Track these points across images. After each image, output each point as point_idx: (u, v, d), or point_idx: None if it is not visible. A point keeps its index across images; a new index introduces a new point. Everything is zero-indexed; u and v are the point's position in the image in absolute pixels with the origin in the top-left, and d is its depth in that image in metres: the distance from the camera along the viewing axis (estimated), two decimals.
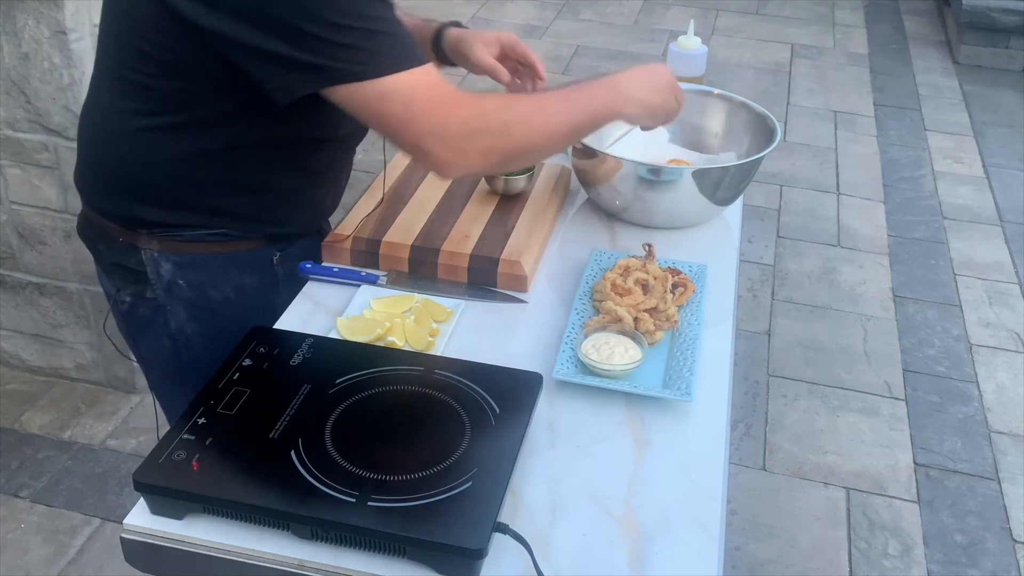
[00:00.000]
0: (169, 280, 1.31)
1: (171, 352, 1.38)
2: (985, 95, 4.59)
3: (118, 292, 1.36)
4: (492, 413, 1.08)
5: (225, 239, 1.30)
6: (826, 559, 2.23)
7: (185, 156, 1.22)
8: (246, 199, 1.29)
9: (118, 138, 1.25)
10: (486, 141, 1.15)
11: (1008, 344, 2.95)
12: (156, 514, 0.99)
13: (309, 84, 1.10)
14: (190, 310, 1.33)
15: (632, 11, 5.34)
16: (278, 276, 1.37)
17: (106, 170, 1.29)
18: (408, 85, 1.10)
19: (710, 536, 1.01)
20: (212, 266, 1.32)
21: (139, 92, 1.20)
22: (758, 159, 1.51)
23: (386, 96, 1.10)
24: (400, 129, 1.12)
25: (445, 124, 1.12)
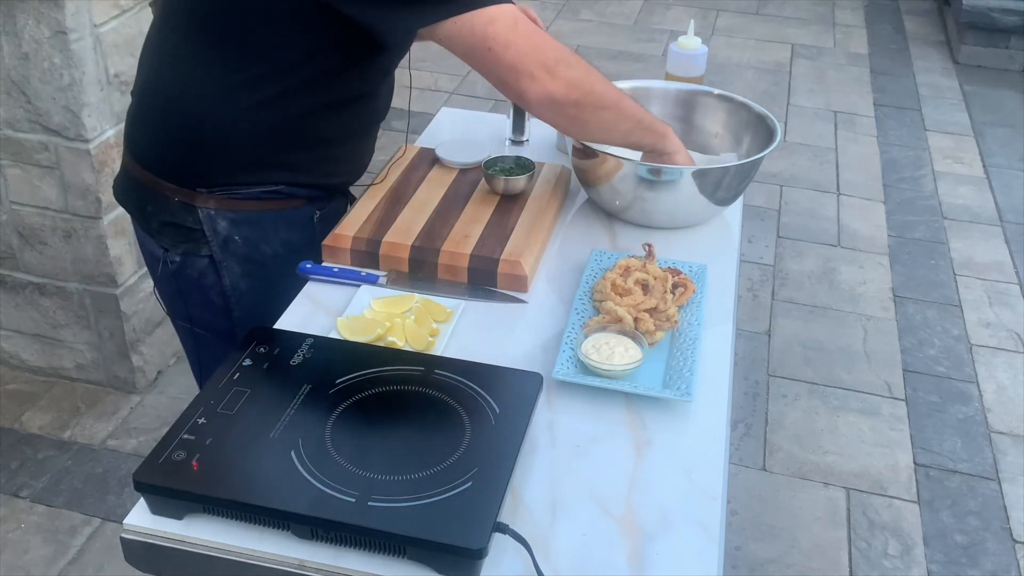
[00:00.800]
0: (225, 236, 1.39)
1: (221, 309, 1.45)
2: (985, 95, 4.59)
3: (166, 252, 1.42)
4: (492, 413, 1.08)
5: (277, 196, 1.39)
6: (826, 559, 2.23)
7: (265, 112, 1.30)
8: (307, 153, 1.38)
9: (197, 101, 1.31)
10: (575, 73, 1.29)
11: (1008, 344, 2.95)
12: (156, 514, 0.99)
13: (423, 19, 1.22)
14: (243, 265, 1.41)
15: (632, 11, 5.34)
16: (316, 234, 1.44)
17: (171, 129, 1.35)
18: (511, 13, 1.24)
19: (710, 536, 1.01)
20: (265, 222, 1.40)
21: (225, 53, 1.27)
22: (758, 159, 1.51)
23: (493, 21, 1.22)
24: (503, 49, 1.23)
25: (543, 48, 1.26)
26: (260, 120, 1.31)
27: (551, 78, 1.26)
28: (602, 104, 1.35)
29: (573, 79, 1.29)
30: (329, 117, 1.36)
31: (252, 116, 1.31)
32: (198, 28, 1.29)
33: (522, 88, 1.27)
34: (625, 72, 4.49)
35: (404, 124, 1.50)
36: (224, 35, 1.27)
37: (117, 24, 2.20)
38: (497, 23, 1.23)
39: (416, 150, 1.67)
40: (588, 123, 1.37)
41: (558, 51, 1.29)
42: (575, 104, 1.31)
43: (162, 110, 1.36)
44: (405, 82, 1.52)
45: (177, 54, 1.34)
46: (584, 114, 1.34)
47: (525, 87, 1.27)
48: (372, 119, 1.47)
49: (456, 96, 4.24)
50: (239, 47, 1.27)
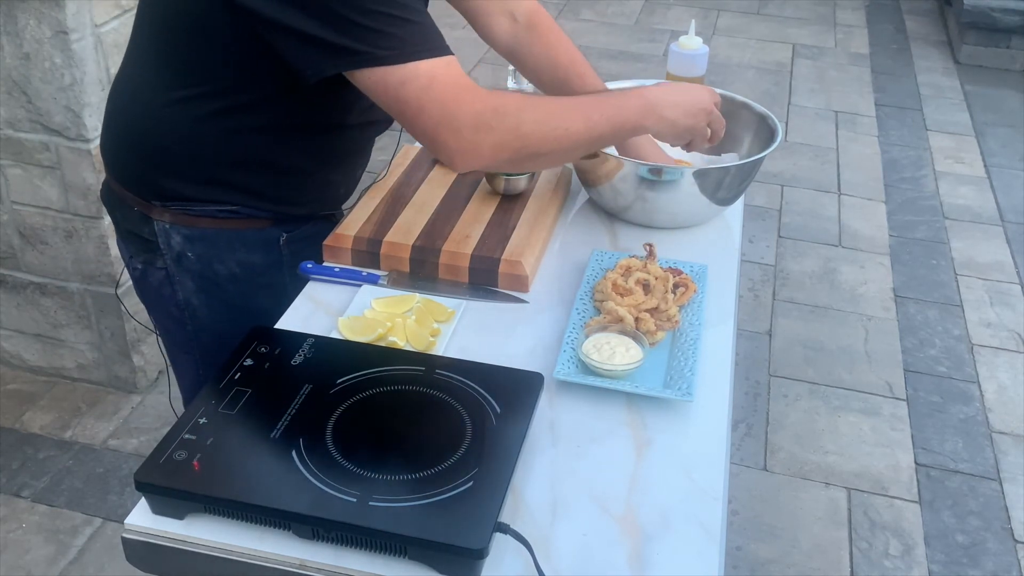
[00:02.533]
0: (179, 252, 1.35)
1: (178, 320, 1.43)
2: (986, 95, 4.59)
3: (131, 259, 1.42)
4: (493, 413, 1.08)
5: (235, 216, 1.34)
6: (827, 559, 2.23)
7: (208, 129, 1.26)
8: (261, 177, 1.32)
9: (145, 109, 1.29)
10: (498, 136, 1.16)
11: (1009, 344, 2.95)
12: (157, 514, 0.99)
13: (337, 65, 1.13)
14: (197, 282, 1.38)
15: (633, 11, 5.34)
16: (283, 257, 1.40)
17: (129, 140, 1.33)
18: (428, 73, 1.13)
19: (711, 536, 1.01)
20: (220, 241, 1.35)
21: (170, 63, 1.24)
22: (759, 159, 1.51)
23: (405, 82, 1.12)
24: (416, 116, 1.15)
25: (458, 115, 1.14)
26: (203, 138, 1.27)
27: (472, 150, 1.16)
28: (541, 150, 1.21)
29: (498, 142, 1.17)
30: (282, 144, 1.30)
31: (195, 133, 1.27)
32: (147, 39, 1.28)
33: (445, 158, 1.18)
34: (626, 72, 4.49)
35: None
36: (167, 50, 1.25)
37: (118, 24, 2.20)
38: (408, 86, 1.12)
39: (417, 150, 1.67)
40: (539, 166, 1.31)
41: (476, 115, 1.15)
42: (510, 162, 1.23)
43: (119, 120, 1.35)
44: None
45: (132, 64, 1.33)
46: (526, 165, 1.27)
47: (446, 160, 1.18)
48: (348, 151, 1.41)
49: None
50: (180, 63, 1.24)
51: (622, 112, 1.28)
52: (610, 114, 1.27)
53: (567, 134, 1.22)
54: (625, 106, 1.29)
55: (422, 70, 1.13)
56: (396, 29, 1.11)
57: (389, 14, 1.11)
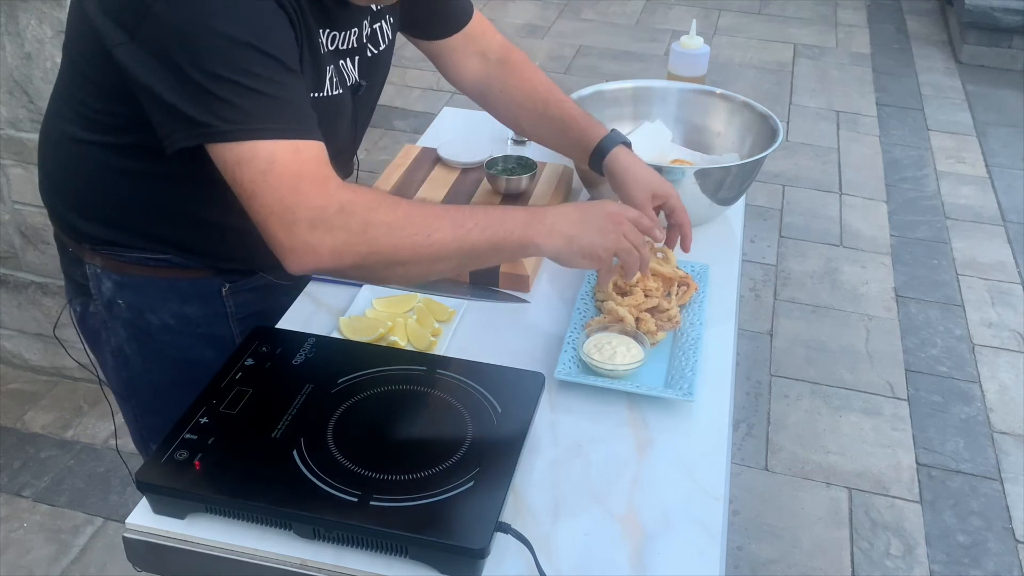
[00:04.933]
0: (109, 298, 1.27)
1: (113, 367, 1.35)
2: (988, 95, 4.59)
3: (71, 300, 1.35)
4: (494, 413, 1.08)
5: (168, 265, 1.24)
6: (828, 559, 2.23)
7: (119, 177, 1.17)
8: (186, 230, 1.22)
9: (62, 151, 1.21)
10: (340, 237, 1.02)
11: (1011, 344, 2.95)
12: (158, 513, 0.99)
13: (188, 137, 1.01)
14: (129, 330, 1.29)
15: (634, 11, 5.34)
16: (227, 308, 1.30)
17: (54, 180, 1.26)
18: (268, 156, 0.99)
19: (712, 536, 1.01)
20: (152, 290, 1.25)
21: (76, 107, 1.16)
22: (760, 159, 1.51)
23: (241, 162, 0.99)
24: (248, 202, 1.01)
25: (294, 208, 1.00)
26: (118, 185, 1.18)
27: (306, 247, 1.01)
28: (394, 260, 1.06)
29: (339, 244, 1.02)
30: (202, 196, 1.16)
31: (109, 180, 1.18)
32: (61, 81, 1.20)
33: (280, 256, 1.03)
34: (627, 72, 4.49)
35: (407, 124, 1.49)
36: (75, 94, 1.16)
37: None
38: (243, 167, 0.99)
39: (418, 150, 1.67)
40: (389, 279, 1.16)
41: (317, 211, 1.00)
42: (357, 267, 1.06)
43: (41, 157, 1.28)
44: (407, 81, 1.52)
45: (51, 101, 1.25)
46: (380, 272, 1.09)
47: (279, 254, 1.03)
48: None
49: (458, 96, 4.23)
50: (84, 107, 1.15)
51: (504, 224, 1.10)
52: (487, 223, 1.09)
53: (428, 242, 1.06)
54: (507, 218, 1.11)
55: (262, 151, 0.99)
56: (243, 100, 0.98)
57: (238, 83, 0.98)
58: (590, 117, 1.43)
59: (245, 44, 0.98)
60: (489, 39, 1.47)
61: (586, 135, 1.40)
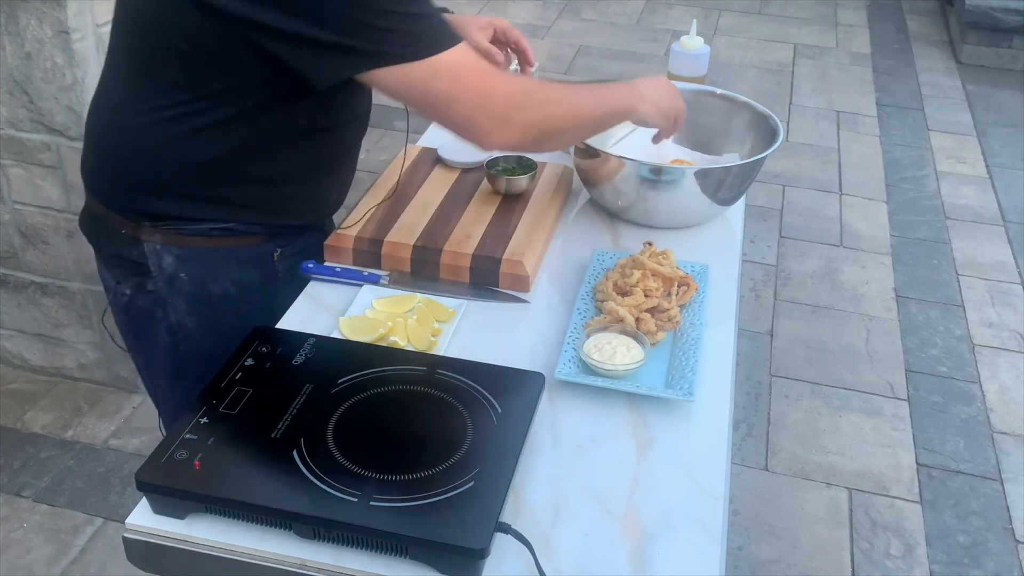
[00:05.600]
0: (171, 273, 1.32)
1: (169, 345, 1.38)
2: (988, 95, 4.59)
3: (118, 285, 1.37)
4: (494, 413, 1.08)
5: (228, 234, 1.32)
6: (828, 559, 2.23)
7: (195, 145, 1.23)
8: (252, 190, 1.30)
9: (131, 129, 1.25)
10: (528, 115, 1.22)
11: (1011, 344, 2.95)
12: (158, 514, 0.99)
13: (353, 68, 1.14)
14: (190, 303, 1.34)
15: (634, 11, 5.34)
16: (278, 272, 1.38)
17: (116, 162, 1.30)
18: (453, 63, 1.15)
19: (712, 536, 1.01)
20: (213, 260, 1.33)
21: (154, 82, 1.21)
22: (760, 159, 1.51)
23: (434, 75, 1.14)
24: (448, 105, 1.17)
25: (491, 98, 1.18)
26: (193, 154, 1.24)
27: (505, 128, 1.20)
28: (562, 129, 1.30)
29: (528, 121, 1.23)
30: (272, 154, 1.28)
31: (181, 149, 1.24)
32: (126, 56, 1.25)
33: (477, 141, 1.21)
34: (627, 72, 4.49)
35: (406, 124, 1.49)
36: (149, 65, 1.21)
37: None
38: (437, 79, 1.15)
39: (418, 150, 1.67)
40: (554, 146, 1.36)
41: (508, 96, 1.21)
42: (535, 140, 1.27)
43: (101, 139, 1.32)
44: None
45: (113, 81, 1.29)
46: (545, 144, 1.32)
47: (479, 141, 1.21)
48: (335, 155, 1.38)
49: None
50: (163, 78, 1.20)
51: (614, 95, 1.37)
52: (609, 97, 1.36)
53: (581, 112, 1.30)
54: (618, 91, 1.38)
55: (446, 62, 1.14)
56: (412, 26, 1.12)
57: (403, 12, 1.11)
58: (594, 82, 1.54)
59: None
60: None
61: None
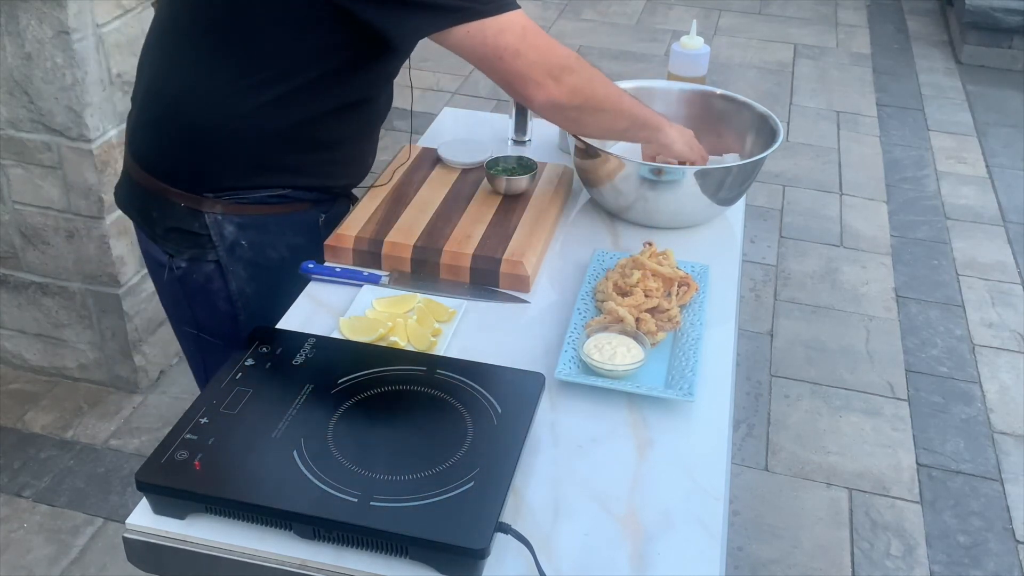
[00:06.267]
0: (232, 241, 1.39)
1: (227, 314, 1.45)
2: (988, 95, 4.59)
3: (172, 259, 1.42)
4: (494, 413, 1.08)
5: (283, 200, 1.40)
6: (829, 559, 2.23)
7: (271, 113, 1.30)
8: (308, 155, 1.39)
9: (204, 103, 1.31)
10: (577, 79, 1.34)
11: (1011, 344, 2.95)
12: (158, 514, 0.99)
13: (436, 25, 1.24)
14: (249, 270, 1.42)
15: (635, 11, 5.34)
16: (321, 236, 1.44)
17: (176, 133, 1.35)
18: (519, 22, 1.28)
19: (712, 536, 1.01)
20: (271, 227, 1.41)
21: (236, 54, 1.27)
22: (760, 159, 1.51)
23: (504, 30, 1.26)
24: (513, 58, 1.28)
25: (549, 56, 1.31)
26: (266, 123, 1.32)
27: (556, 85, 1.31)
28: (601, 107, 1.40)
29: (576, 85, 1.34)
30: (332, 120, 1.37)
31: (258, 119, 1.31)
32: (203, 30, 1.29)
33: (529, 94, 1.32)
34: (627, 72, 4.49)
35: (407, 124, 1.50)
36: (231, 37, 1.27)
37: (120, 24, 2.21)
38: (507, 33, 1.27)
39: (418, 150, 1.67)
40: (587, 124, 1.44)
41: (564, 58, 1.33)
42: (577, 108, 1.37)
43: (167, 114, 1.36)
44: (407, 82, 1.52)
45: (181, 57, 1.33)
46: (584, 116, 1.40)
47: (532, 93, 1.32)
48: (374, 121, 1.48)
49: (458, 96, 4.24)
50: (246, 50, 1.27)
51: (647, 111, 1.49)
52: (642, 108, 1.48)
53: (619, 100, 1.42)
54: (652, 118, 1.49)
55: (514, 19, 1.27)
56: None
57: None
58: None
59: None
60: None
61: None
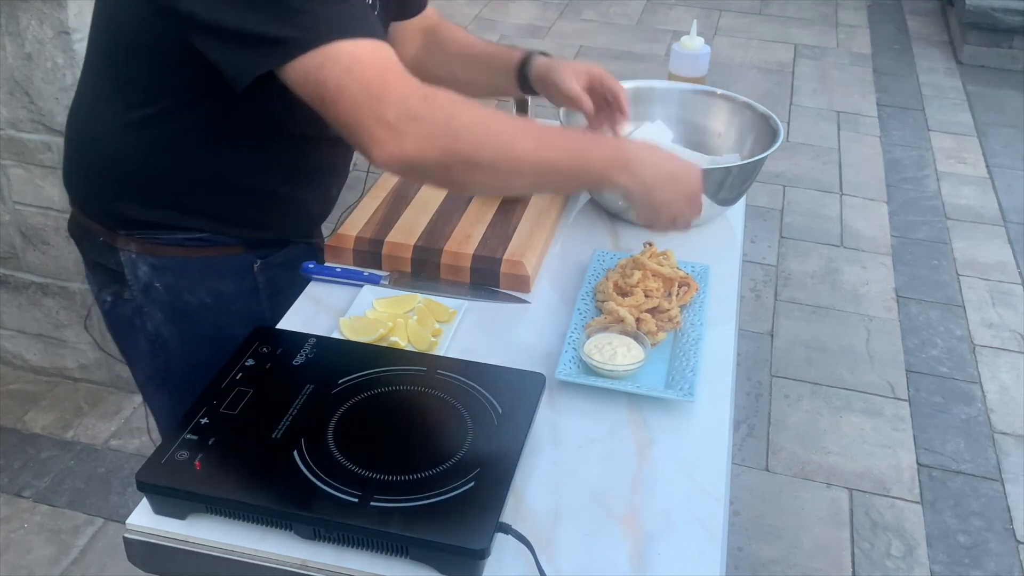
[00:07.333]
0: (146, 282, 1.30)
1: (149, 353, 1.37)
2: (988, 95, 4.59)
3: (100, 291, 1.36)
4: (495, 413, 1.08)
5: (203, 244, 1.28)
6: (829, 560, 2.23)
7: (166, 150, 1.21)
8: (225, 198, 1.26)
9: (102, 134, 1.24)
10: (426, 127, 1.03)
11: (1011, 344, 2.95)
12: (159, 514, 0.99)
13: (266, 61, 1.04)
14: (166, 312, 1.32)
15: (635, 11, 5.34)
16: (258, 284, 1.34)
17: (90, 168, 1.29)
18: (349, 54, 1.03)
19: (712, 536, 1.01)
20: (189, 270, 1.29)
21: (121, 85, 1.20)
22: (761, 159, 1.51)
23: (324, 64, 1.02)
24: (335, 99, 1.03)
25: (381, 96, 1.02)
26: (162, 160, 1.21)
27: (396, 138, 1.02)
28: (476, 156, 1.06)
29: (429, 136, 1.03)
30: (244, 161, 1.24)
31: (154, 155, 1.21)
32: (99, 58, 1.24)
33: (364, 149, 1.05)
34: (628, 72, 4.48)
35: None
36: (116, 72, 1.20)
37: None
38: (327, 67, 1.02)
39: None
40: (472, 185, 1.15)
41: (404, 99, 1.03)
42: (440, 166, 1.06)
43: (78, 147, 1.30)
44: None
45: (86, 89, 1.28)
46: (458, 176, 1.09)
47: (366, 147, 1.04)
48: (311, 169, 1.32)
49: None
50: (130, 84, 1.19)
51: (589, 151, 1.11)
52: (572, 147, 1.10)
53: (509, 149, 1.08)
54: (594, 149, 1.12)
55: (344, 50, 1.02)
56: (319, 8, 1.03)
57: None
58: (514, 47, 1.48)
59: None
60: (429, 13, 1.52)
61: (510, 58, 1.47)
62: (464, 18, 5.04)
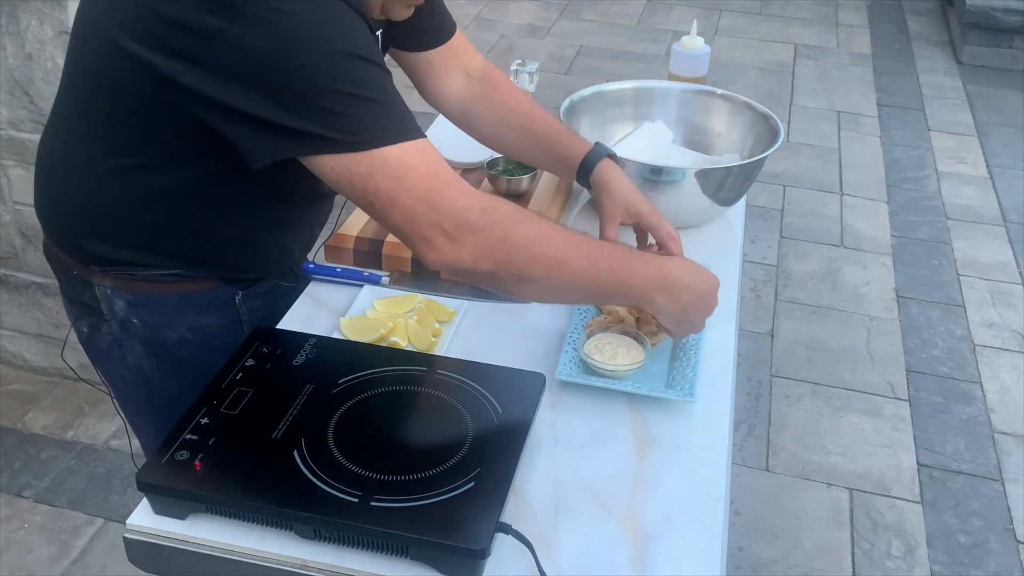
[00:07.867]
0: (123, 318, 1.25)
1: (131, 383, 1.34)
2: (989, 95, 4.59)
3: (76, 321, 1.32)
4: (495, 413, 1.08)
5: (181, 279, 1.24)
6: (829, 560, 2.23)
7: (140, 197, 1.16)
8: (202, 244, 1.22)
9: (75, 172, 1.19)
10: (483, 240, 1.04)
11: (1012, 344, 2.95)
12: (159, 514, 0.99)
13: (291, 150, 1.02)
14: (146, 347, 1.28)
15: (635, 11, 5.34)
16: (241, 316, 1.31)
17: (62, 202, 1.24)
18: (398, 162, 1.01)
19: (712, 536, 1.01)
20: (167, 306, 1.25)
21: (97, 130, 1.14)
22: (761, 159, 1.51)
23: (373, 171, 1.01)
24: (386, 209, 1.03)
25: (439, 209, 1.02)
26: (136, 208, 1.17)
27: (453, 246, 1.03)
28: (527, 273, 1.07)
29: (485, 247, 1.04)
30: (225, 215, 1.20)
31: (127, 203, 1.17)
32: (73, 106, 1.18)
33: (419, 253, 1.05)
34: (628, 72, 4.49)
35: None
36: (93, 119, 1.14)
37: None
38: (378, 175, 1.00)
39: None
40: (519, 293, 1.12)
41: (462, 211, 1.02)
42: (491, 276, 1.07)
43: (51, 183, 1.24)
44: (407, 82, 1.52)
45: (60, 127, 1.21)
46: (506, 285, 1.09)
47: (422, 252, 1.04)
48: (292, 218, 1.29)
49: None
50: (105, 131, 1.13)
51: (634, 274, 1.13)
52: (619, 267, 1.12)
53: (562, 267, 1.08)
54: (639, 270, 1.14)
55: (392, 158, 1.00)
56: (359, 111, 1.00)
57: (350, 93, 0.98)
58: (574, 133, 1.43)
59: (349, 55, 0.99)
60: (471, 56, 1.44)
61: (570, 150, 1.40)
62: (464, 18, 5.04)
